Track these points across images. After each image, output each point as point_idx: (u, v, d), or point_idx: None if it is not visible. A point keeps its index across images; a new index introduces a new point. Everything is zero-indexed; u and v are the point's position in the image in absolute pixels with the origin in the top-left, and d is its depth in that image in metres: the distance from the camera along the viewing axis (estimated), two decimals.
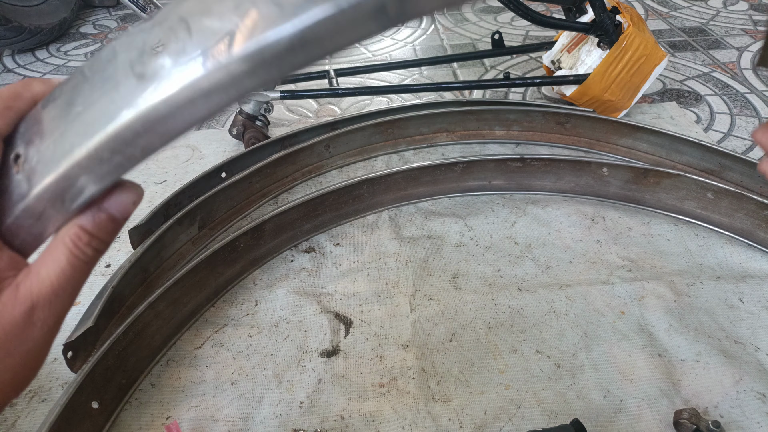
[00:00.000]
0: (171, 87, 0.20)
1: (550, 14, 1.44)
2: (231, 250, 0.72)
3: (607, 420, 0.56)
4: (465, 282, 0.73)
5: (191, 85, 0.20)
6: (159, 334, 0.65)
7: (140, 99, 0.21)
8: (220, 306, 0.71)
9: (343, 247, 0.79)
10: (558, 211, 0.83)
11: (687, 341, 0.63)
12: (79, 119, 0.22)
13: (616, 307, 0.68)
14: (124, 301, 0.68)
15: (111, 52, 0.22)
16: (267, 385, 0.61)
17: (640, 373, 0.60)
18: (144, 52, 0.21)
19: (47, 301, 0.24)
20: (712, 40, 1.36)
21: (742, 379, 0.59)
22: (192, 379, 0.62)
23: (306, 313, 0.69)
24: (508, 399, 0.59)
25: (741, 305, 0.67)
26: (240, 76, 0.19)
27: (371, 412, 0.58)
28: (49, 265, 0.24)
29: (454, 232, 0.81)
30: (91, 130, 0.22)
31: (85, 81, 0.23)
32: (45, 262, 0.24)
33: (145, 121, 0.21)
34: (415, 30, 1.51)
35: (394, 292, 0.72)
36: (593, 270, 0.74)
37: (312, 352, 0.65)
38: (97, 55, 0.23)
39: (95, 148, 0.22)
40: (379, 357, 0.64)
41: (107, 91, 0.22)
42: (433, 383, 0.61)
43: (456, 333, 0.66)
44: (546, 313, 0.68)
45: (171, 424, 0.56)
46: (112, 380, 0.59)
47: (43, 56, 1.42)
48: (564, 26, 0.99)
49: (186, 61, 0.20)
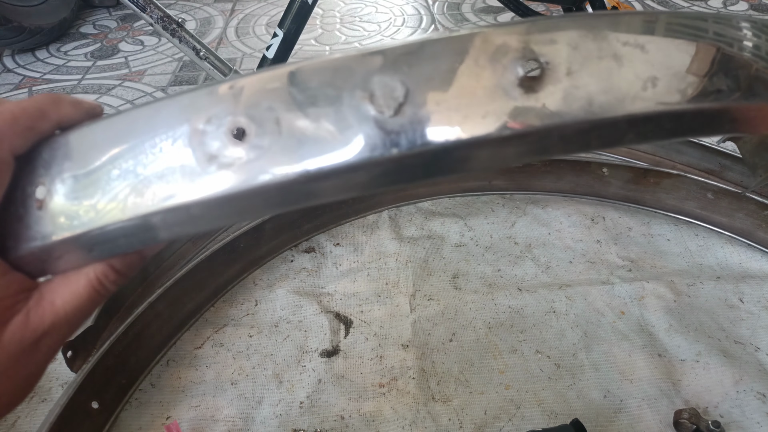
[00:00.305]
0: (243, 181, 0.18)
1: (550, 14, 1.44)
2: (231, 250, 0.72)
3: (607, 420, 0.56)
4: (465, 282, 0.73)
5: (268, 183, 0.19)
6: (159, 334, 0.65)
7: (207, 184, 0.19)
8: (220, 306, 0.71)
9: (343, 247, 0.79)
10: (558, 211, 0.83)
11: (687, 341, 0.63)
12: (128, 180, 0.20)
13: (616, 307, 0.68)
14: (124, 300, 0.68)
15: (177, 110, 0.20)
16: (267, 385, 0.61)
17: (640, 373, 0.60)
18: (220, 130, 0.19)
19: (58, 331, 0.23)
20: None
21: (742, 379, 0.59)
22: (192, 379, 0.62)
23: (306, 313, 0.69)
24: (508, 399, 0.59)
25: (741, 305, 0.67)
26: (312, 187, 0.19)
27: (371, 412, 0.58)
28: (66, 297, 0.23)
29: (454, 232, 0.81)
30: (143, 202, 0.20)
31: (137, 135, 0.20)
32: (62, 292, 0.23)
33: (206, 207, 0.19)
34: (415, 30, 1.51)
35: (394, 292, 0.72)
36: (593, 270, 0.74)
37: (312, 352, 0.65)
38: (157, 106, 0.20)
39: (141, 222, 0.20)
40: (379, 357, 0.64)
41: (166, 159, 0.19)
42: (433, 383, 0.61)
43: (456, 333, 0.66)
44: (546, 313, 0.68)
45: (171, 424, 0.56)
46: (112, 380, 0.59)
47: (43, 56, 1.42)
48: None
49: (269, 161, 0.18)
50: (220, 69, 0.86)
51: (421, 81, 0.19)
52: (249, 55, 1.40)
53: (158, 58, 1.39)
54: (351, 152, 0.18)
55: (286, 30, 0.83)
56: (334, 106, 0.19)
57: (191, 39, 0.83)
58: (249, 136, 0.19)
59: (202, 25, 1.59)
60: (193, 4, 1.73)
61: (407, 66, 0.19)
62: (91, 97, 1.22)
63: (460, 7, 1.62)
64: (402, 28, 1.52)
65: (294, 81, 0.19)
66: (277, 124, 0.19)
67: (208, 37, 1.52)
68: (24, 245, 0.22)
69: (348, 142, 0.18)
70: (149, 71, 1.33)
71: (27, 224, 0.22)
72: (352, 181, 0.19)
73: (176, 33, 0.82)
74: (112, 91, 1.25)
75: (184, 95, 0.20)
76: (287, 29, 0.83)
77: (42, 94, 0.23)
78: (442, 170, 0.20)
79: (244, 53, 1.42)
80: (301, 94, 0.19)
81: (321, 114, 0.19)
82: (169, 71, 1.32)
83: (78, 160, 0.21)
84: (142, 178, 0.20)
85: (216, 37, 1.51)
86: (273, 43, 0.84)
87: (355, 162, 0.18)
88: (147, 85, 1.27)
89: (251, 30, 1.54)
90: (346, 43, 1.45)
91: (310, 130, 0.19)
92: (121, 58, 1.40)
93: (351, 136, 0.18)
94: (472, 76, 0.19)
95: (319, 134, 0.18)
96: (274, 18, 1.61)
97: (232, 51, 1.43)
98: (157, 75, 1.31)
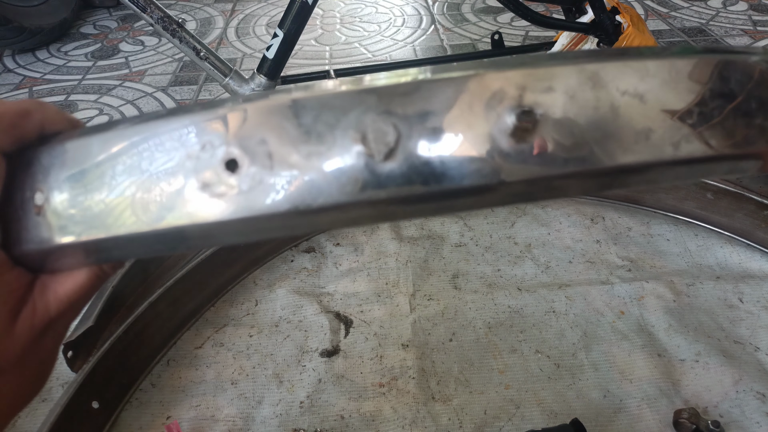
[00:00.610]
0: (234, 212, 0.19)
1: (550, 14, 1.44)
2: (231, 250, 0.72)
3: (606, 420, 0.56)
4: (465, 282, 0.73)
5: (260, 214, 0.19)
6: (159, 334, 0.65)
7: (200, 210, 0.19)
8: (221, 306, 0.71)
9: (343, 247, 0.79)
10: (558, 211, 0.83)
11: (686, 341, 0.63)
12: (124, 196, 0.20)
13: (615, 307, 0.68)
14: (124, 300, 0.68)
15: (175, 130, 0.20)
16: (267, 384, 0.61)
17: (640, 372, 0.61)
18: (214, 160, 0.19)
19: (63, 317, 0.24)
20: (712, 40, 1.36)
21: (741, 379, 0.59)
22: (192, 379, 0.62)
23: (306, 312, 0.69)
24: (507, 399, 0.59)
25: (740, 305, 0.68)
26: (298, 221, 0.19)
27: (371, 412, 0.58)
28: (67, 285, 0.24)
29: (454, 232, 0.81)
30: (138, 219, 0.20)
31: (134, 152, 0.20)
32: (63, 281, 0.24)
33: (199, 231, 0.20)
34: (415, 30, 1.51)
35: (394, 292, 0.72)
36: (593, 270, 0.74)
37: (312, 351, 0.65)
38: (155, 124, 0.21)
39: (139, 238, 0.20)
40: (379, 357, 0.64)
41: (161, 181, 0.20)
42: (433, 383, 0.61)
43: (456, 333, 0.66)
44: (546, 312, 0.68)
45: (171, 423, 0.56)
46: (113, 380, 0.59)
47: (44, 56, 1.42)
48: (564, 26, 0.99)
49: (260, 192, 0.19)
50: (220, 69, 0.86)
51: (414, 126, 0.19)
52: (249, 56, 1.40)
53: (158, 59, 1.39)
54: (340, 193, 0.19)
55: (287, 30, 0.83)
56: (326, 145, 0.19)
57: (191, 39, 0.83)
58: (242, 168, 0.19)
59: (203, 26, 1.59)
60: (193, 5, 1.73)
61: (401, 108, 0.19)
62: (92, 97, 1.22)
63: (460, 8, 1.62)
64: (402, 28, 1.52)
65: (288, 114, 0.19)
66: (269, 158, 0.19)
67: (209, 37, 1.52)
68: (23, 246, 0.22)
69: (338, 182, 0.19)
70: (149, 71, 1.33)
71: (26, 227, 0.22)
72: (340, 217, 0.20)
73: (176, 33, 0.82)
74: (113, 91, 1.25)
75: (185, 115, 0.20)
76: (287, 29, 0.83)
77: (26, 99, 0.24)
78: (430, 213, 0.20)
79: (245, 53, 1.42)
80: (294, 130, 0.19)
81: (313, 152, 0.19)
82: (170, 71, 1.32)
83: (74, 169, 0.22)
84: (138, 195, 0.20)
85: (216, 38, 1.51)
86: (273, 44, 0.84)
87: (343, 202, 0.19)
88: (147, 85, 1.27)
89: (251, 30, 1.54)
90: (346, 43, 1.45)
91: (302, 167, 0.19)
92: (122, 59, 1.40)
93: (341, 177, 0.19)
94: (465, 123, 0.19)
95: (310, 173, 0.19)
96: (274, 18, 1.62)
97: (233, 51, 1.43)
98: (157, 75, 1.31)
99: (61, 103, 1.21)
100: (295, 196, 0.19)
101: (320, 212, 0.19)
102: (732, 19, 1.47)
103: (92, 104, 1.20)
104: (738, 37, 1.37)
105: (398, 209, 0.20)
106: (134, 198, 0.20)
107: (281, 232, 0.21)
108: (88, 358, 0.59)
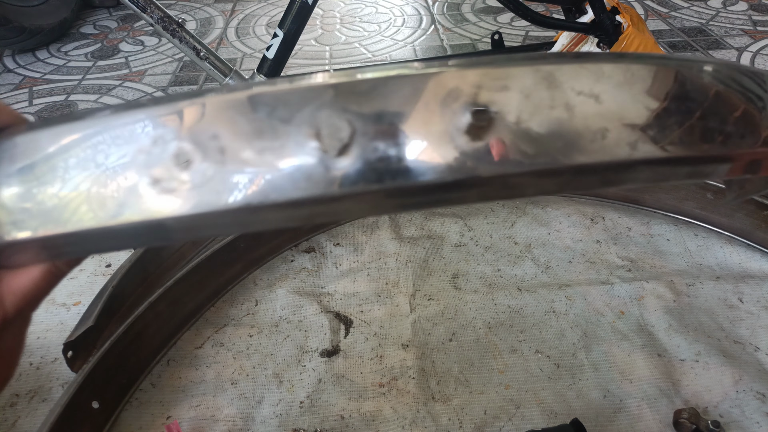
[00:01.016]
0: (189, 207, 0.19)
1: (550, 14, 1.44)
2: (231, 250, 0.72)
3: (606, 420, 0.56)
4: (465, 282, 0.73)
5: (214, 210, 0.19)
6: (159, 334, 0.65)
7: (153, 207, 0.19)
8: (221, 306, 0.71)
9: (343, 247, 0.79)
10: (557, 211, 0.83)
11: (686, 341, 0.63)
12: (78, 189, 0.20)
13: (615, 307, 0.68)
14: (124, 300, 0.68)
15: (130, 131, 0.20)
16: (267, 384, 0.61)
17: (640, 372, 0.61)
18: (165, 155, 0.19)
19: (19, 312, 0.24)
20: (712, 40, 1.36)
21: (741, 379, 0.59)
22: (192, 379, 0.62)
23: (306, 312, 0.69)
24: (507, 399, 0.59)
25: (740, 305, 0.68)
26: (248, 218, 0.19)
27: (371, 412, 0.58)
28: (23, 282, 0.24)
29: (454, 232, 0.81)
30: (87, 215, 0.20)
31: (86, 146, 0.20)
32: (18, 279, 0.24)
33: (155, 228, 0.20)
34: (415, 30, 1.51)
35: (394, 292, 0.72)
36: (593, 270, 0.74)
37: (312, 351, 0.65)
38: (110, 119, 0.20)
39: (92, 235, 0.20)
40: (379, 357, 0.64)
41: (113, 176, 0.20)
42: (433, 383, 0.61)
43: (456, 333, 0.66)
44: (546, 312, 0.68)
45: (171, 423, 0.56)
46: (113, 380, 0.59)
47: (44, 56, 1.42)
48: (563, 26, 0.99)
49: (212, 188, 0.19)
50: (220, 69, 0.86)
51: (369, 122, 0.19)
52: (249, 56, 1.41)
53: (158, 59, 1.39)
54: (294, 189, 0.19)
55: (287, 30, 0.83)
56: (280, 141, 0.19)
57: (191, 39, 0.83)
58: (194, 163, 0.19)
59: (203, 26, 1.59)
60: (193, 5, 1.73)
61: (357, 105, 0.19)
62: (92, 97, 1.23)
63: (460, 8, 1.62)
64: (402, 28, 1.52)
65: (244, 109, 0.19)
66: (221, 153, 0.19)
67: (209, 37, 1.52)
68: None
69: (291, 178, 0.19)
70: (149, 71, 1.33)
71: None
72: (294, 214, 0.20)
73: (176, 33, 0.82)
74: (113, 91, 1.25)
75: (141, 109, 0.20)
76: (287, 29, 0.83)
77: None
78: (386, 209, 0.20)
79: (245, 53, 1.42)
80: (248, 125, 0.19)
81: (266, 148, 0.19)
82: (170, 71, 1.32)
83: (25, 162, 0.21)
84: (94, 190, 0.20)
85: (216, 38, 1.51)
86: (273, 44, 0.84)
87: (297, 198, 0.19)
88: (147, 85, 1.27)
89: (251, 30, 1.54)
90: (346, 43, 1.45)
91: (255, 163, 0.19)
92: (122, 59, 1.40)
93: (294, 173, 0.19)
94: (420, 121, 0.19)
95: (263, 168, 0.19)
96: (274, 18, 1.62)
97: (233, 51, 1.43)
98: (157, 75, 1.31)
99: (61, 103, 1.21)
100: (247, 192, 0.19)
101: (274, 208, 0.19)
102: (732, 19, 1.47)
103: (92, 104, 1.20)
104: (738, 37, 1.37)
105: (353, 206, 0.20)
106: (90, 193, 0.20)
107: (236, 229, 0.21)
108: (88, 358, 0.59)
